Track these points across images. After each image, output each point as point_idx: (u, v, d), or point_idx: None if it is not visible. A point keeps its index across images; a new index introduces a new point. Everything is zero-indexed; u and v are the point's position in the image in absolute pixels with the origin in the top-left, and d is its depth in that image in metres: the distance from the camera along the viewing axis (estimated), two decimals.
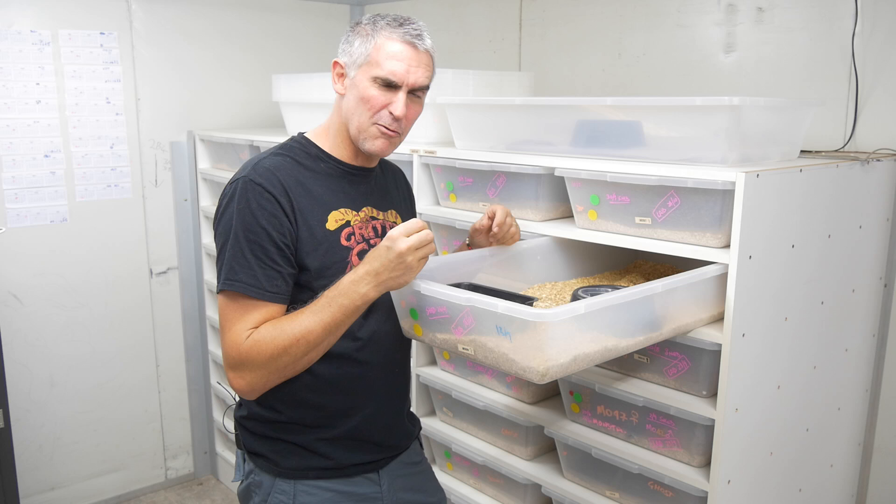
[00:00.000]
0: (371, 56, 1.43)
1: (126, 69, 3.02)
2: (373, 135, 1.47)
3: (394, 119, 1.46)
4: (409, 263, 1.34)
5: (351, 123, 1.48)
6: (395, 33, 1.44)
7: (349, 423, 1.53)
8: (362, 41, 1.45)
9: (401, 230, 1.34)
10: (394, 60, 1.43)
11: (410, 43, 1.44)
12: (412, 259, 1.34)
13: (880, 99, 1.99)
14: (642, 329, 1.50)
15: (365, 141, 1.48)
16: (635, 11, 2.49)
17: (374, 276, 1.35)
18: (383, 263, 1.34)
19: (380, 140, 1.47)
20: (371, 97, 1.44)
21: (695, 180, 1.55)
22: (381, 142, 1.47)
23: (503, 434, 2.10)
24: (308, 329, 1.36)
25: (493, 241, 1.70)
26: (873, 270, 1.99)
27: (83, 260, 3.04)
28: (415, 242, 1.34)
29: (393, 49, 1.43)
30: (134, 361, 3.24)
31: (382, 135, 1.47)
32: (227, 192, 1.45)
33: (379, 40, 1.43)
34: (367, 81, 1.44)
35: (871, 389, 2.09)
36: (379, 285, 1.36)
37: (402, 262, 1.34)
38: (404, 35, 1.44)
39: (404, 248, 1.33)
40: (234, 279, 1.39)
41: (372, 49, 1.43)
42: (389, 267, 1.35)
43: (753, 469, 1.72)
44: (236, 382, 1.42)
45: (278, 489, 1.52)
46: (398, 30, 1.44)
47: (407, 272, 1.36)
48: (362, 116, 1.46)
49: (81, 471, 3.16)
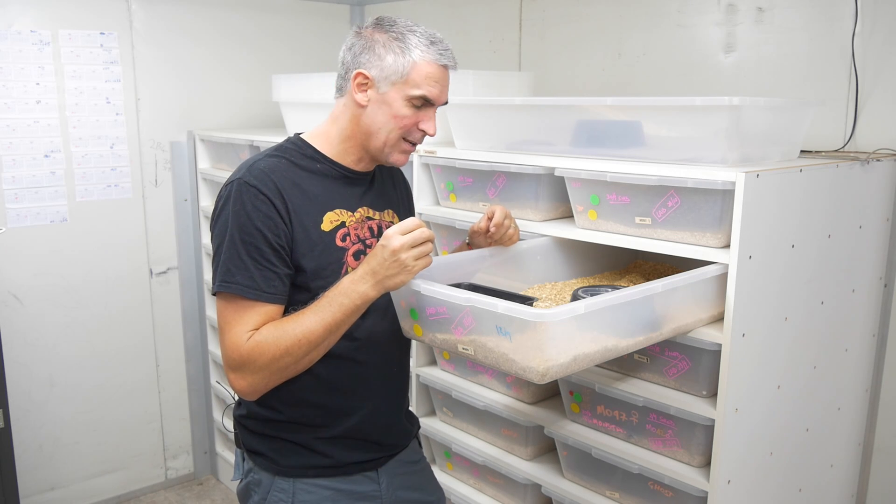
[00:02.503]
0: (409, 76, 1.43)
1: (126, 69, 3.02)
2: (400, 150, 1.50)
3: (425, 136, 1.50)
4: (403, 262, 1.34)
5: (376, 137, 1.48)
6: (430, 53, 1.44)
7: (348, 422, 1.53)
8: (395, 57, 1.43)
9: (396, 229, 1.35)
10: (432, 82, 1.44)
11: (447, 67, 1.46)
12: (406, 257, 1.34)
13: (880, 99, 1.99)
14: (642, 329, 1.50)
15: (390, 155, 1.50)
16: (635, 11, 2.49)
17: (372, 275, 1.36)
18: (379, 262, 1.35)
19: (403, 156, 1.52)
20: (405, 116, 1.45)
21: (695, 180, 1.55)
22: (403, 157, 1.52)
23: (503, 434, 2.10)
24: (310, 329, 1.36)
25: (492, 241, 1.71)
26: (873, 270, 1.99)
27: (83, 260, 3.04)
28: (408, 240, 1.34)
29: (431, 71, 1.44)
30: (134, 361, 3.24)
31: (407, 150, 1.51)
32: (223, 195, 1.45)
33: (416, 58, 1.43)
34: (402, 100, 1.44)
35: (871, 389, 2.09)
36: (377, 284, 1.36)
37: (397, 261, 1.34)
38: (440, 57, 1.45)
39: (398, 246, 1.33)
40: (230, 281, 1.39)
41: (410, 69, 1.43)
42: (385, 265, 1.35)
43: (753, 469, 1.72)
44: (238, 384, 1.42)
45: (277, 487, 1.53)
46: (432, 49, 1.44)
47: (403, 271, 1.35)
48: (392, 133, 1.47)
49: (81, 471, 3.16)
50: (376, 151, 1.50)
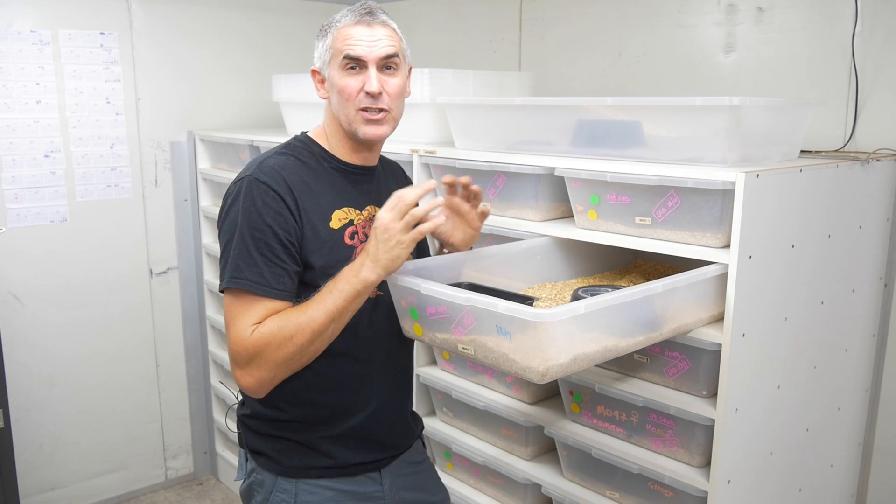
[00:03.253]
0: (333, 48, 1.47)
1: (126, 69, 3.02)
2: (361, 120, 1.48)
3: (371, 96, 1.46)
4: (393, 235, 1.33)
5: (341, 120, 1.50)
6: (346, 19, 1.47)
7: (351, 421, 1.53)
8: (323, 40, 1.50)
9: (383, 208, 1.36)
10: (353, 41, 1.45)
11: (363, 22, 1.46)
12: (396, 229, 1.33)
13: (880, 99, 1.99)
14: (642, 329, 1.50)
15: (357, 130, 1.49)
16: (635, 11, 2.49)
17: (371, 257, 1.35)
18: (374, 243, 1.35)
19: (370, 125, 1.48)
20: (345, 86, 1.46)
21: (695, 180, 1.55)
22: (371, 127, 1.48)
23: (503, 434, 2.10)
24: (312, 318, 1.36)
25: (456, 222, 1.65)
26: (873, 270, 1.99)
27: (83, 260, 3.04)
28: (394, 214, 1.34)
29: (349, 32, 1.46)
30: (134, 361, 3.24)
31: (370, 119, 1.47)
32: (232, 191, 1.45)
33: (335, 32, 1.48)
34: (338, 73, 1.47)
35: (871, 389, 2.09)
36: (376, 266, 1.35)
37: (388, 235, 1.34)
38: (355, 16, 1.47)
39: (385, 222, 1.33)
40: (239, 277, 1.39)
41: (331, 42, 1.48)
42: (378, 245, 1.34)
43: (753, 469, 1.72)
44: (244, 380, 1.41)
45: (280, 488, 1.52)
46: (349, 16, 1.48)
47: (398, 245, 1.34)
48: (346, 108, 1.47)
49: (81, 471, 3.16)
50: (351, 134, 1.50)
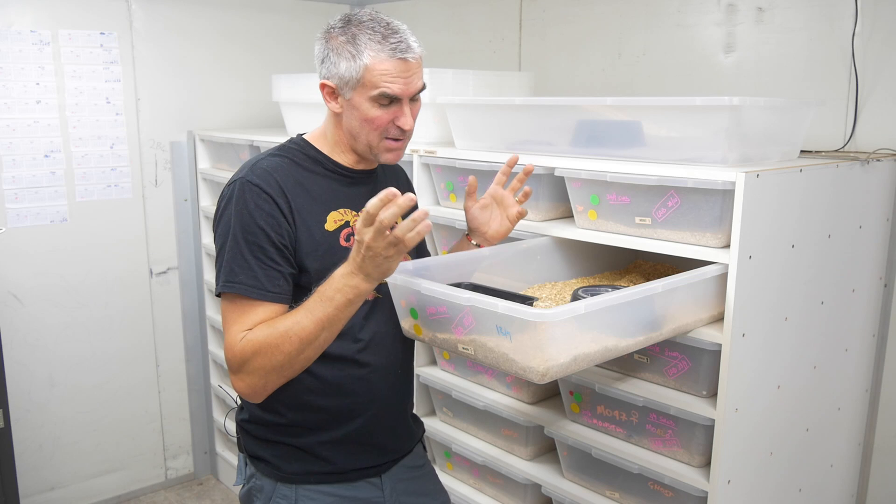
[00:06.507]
0: (364, 78, 1.39)
1: (126, 69, 3.02)
2: (385, 149, 1.48)
3: (403, 131, 1.47)
4: (378, 251, 1.25)
5: (358, 141, 1.48)
6: (383, 50, 1.38)
7: (351, 425, 1.52)
8: (348, 63, 1.40)
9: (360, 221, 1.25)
10: (390, 78, 1.39)
11: (401, 59, 1.40)
12: (379, 247, 1.25)
13: (880, 99, 1.99)
14: (642, 329, 1.50)
15: (378, 156, 1.49)
16: (635, 11, 2.49)
17: (359, 268, 1.29)
18: (362, 257, 1.28)
19: (393, 153, 1.49)
20: (375, 118, 1.43)
21: (695, 180, 1.55)
22: (394, 154, 1.50)
23: (503, 434, 2.10)
24: (301, 326, 1.33)
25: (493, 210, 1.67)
26: (873, 270, 1.99)
27: (83, 260, 3.04)
28: (374, 233, 1.23)
29: (387, 68, 1.39)
30: (134, 361, 3.24)
31: (393, 148, 1.48)
32: (225, 194, 1.44)
33: (367, 60, 1.38)
34: (367, 103, 1.42)
35: (871, 389, 2.09)
36: (367, 277, 1.30)
37: (373, 254, 1.26)
38: (393, 52, 1.39)
39: (367, 241, 1.25)
40: (234, 281, 1.38)
41: (363, 71, 1.39)
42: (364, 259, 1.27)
43: (753, 469, 1.72)
44: (238, 385, 1.41)
45: (280, 494, 1.52)
46: (384, 45, 1.38)
47: (385, 260, 1.27)
48: (370, 136, 1.45)
49: (81, 471, 3.17)
50: (364, 153, 1.50)
